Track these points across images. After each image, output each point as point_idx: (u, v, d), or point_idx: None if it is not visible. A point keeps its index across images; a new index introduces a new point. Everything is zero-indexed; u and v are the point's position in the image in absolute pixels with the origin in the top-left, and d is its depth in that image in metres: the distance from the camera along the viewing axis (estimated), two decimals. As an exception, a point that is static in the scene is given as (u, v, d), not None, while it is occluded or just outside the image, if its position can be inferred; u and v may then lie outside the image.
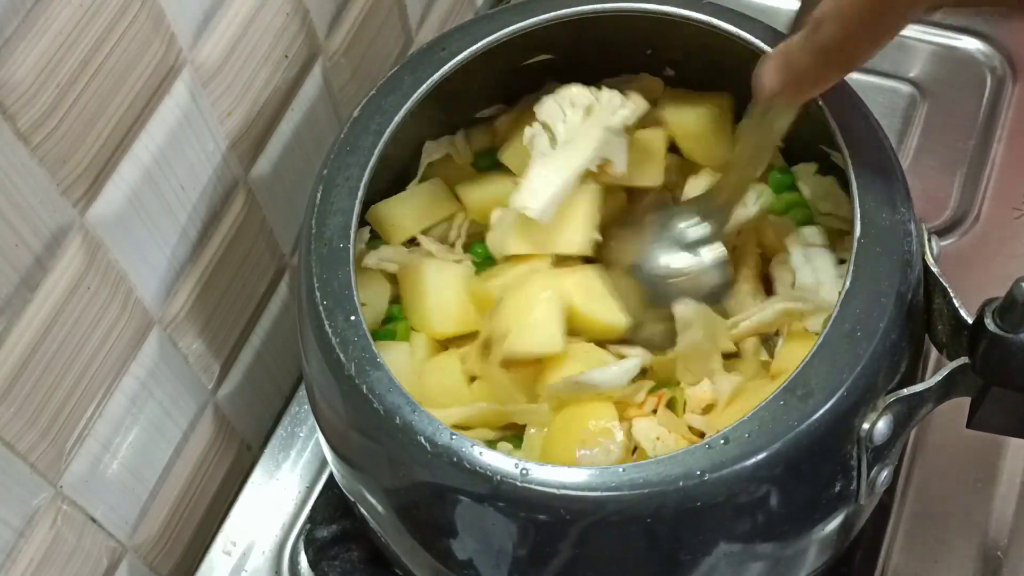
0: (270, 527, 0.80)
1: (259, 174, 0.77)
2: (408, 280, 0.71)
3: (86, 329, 0.65)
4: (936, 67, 0.96)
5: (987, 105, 0.94)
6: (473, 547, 0.60)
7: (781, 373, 0.64)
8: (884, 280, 0.59)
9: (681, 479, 0.55)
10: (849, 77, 0.67)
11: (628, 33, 0.73)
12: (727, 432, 0.56)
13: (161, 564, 0.79)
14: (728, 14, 0.68)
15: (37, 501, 0.65)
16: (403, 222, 0.74)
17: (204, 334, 0.76)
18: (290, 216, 0.82)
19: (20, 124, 0.56)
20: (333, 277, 0.62)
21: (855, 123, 0.64)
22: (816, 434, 0.56)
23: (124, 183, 0.65)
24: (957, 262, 0.85)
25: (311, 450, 0.82)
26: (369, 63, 0.86)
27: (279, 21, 0.74)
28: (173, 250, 0.71)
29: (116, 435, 0.70)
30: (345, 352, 0.59)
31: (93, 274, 0.64)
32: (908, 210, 0.62)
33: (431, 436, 0.57)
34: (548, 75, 0.76)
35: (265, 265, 0.82)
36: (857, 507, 0.63)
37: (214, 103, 0.70)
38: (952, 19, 0.99)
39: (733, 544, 0.59)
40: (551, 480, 0.56)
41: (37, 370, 0.62)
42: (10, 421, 0.61)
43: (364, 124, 0.67)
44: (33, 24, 0.55)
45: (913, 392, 0.59)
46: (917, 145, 0.92)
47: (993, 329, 0.56)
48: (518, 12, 0.69)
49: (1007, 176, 0.90)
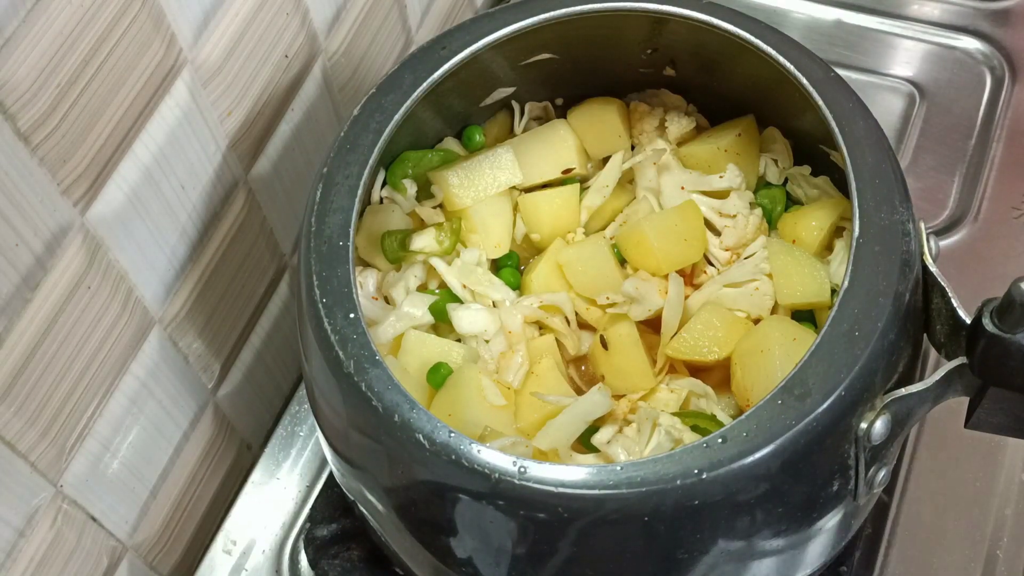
0: (270, 526, 0.80)
1: (259, 174, 0.77)
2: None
3: (86, 329, 0.65)
4: (935, 67, 0.97)
5: (986, 105, 0.94)
6: (472, 545, 0.61)
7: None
8: (882, 280, 0.59)
9: (679, 478, 0.55)
10: (848, 77, 0.68)
11: (628, 33, 0.74)
12: (725, 431, 0.56)
13: (161, 563, 0.79)
14: (728, 14, 0.68)
15: (37, 500, 0.65)
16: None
17: (204, 334, 0.77)
18: (290, 216, 0.82)
19: (20, 124, 0.56)
20: (332, 275, 0.62)
21: (854, 123, 0.64)
22: (814, 433, 0.56)
23: (124, 183, 0.65)
24: (956, 262, 0.85)
25: (311, 449, 0.82)
26: (369, 63, 0.86)
27: (279, 21, 0.74)
28: (173, 250, 0.71)
29: (116, 434, 0.70)
30: (344, 350, 0.60)
31: (93, 274, 0.64)
32: (907, 210, 0.62)
33: (429, 434, 0.57)
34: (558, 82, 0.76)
35: (265, 265, 0.82)
36: (855, 506, 0.63)
37: (214, 103, 0.70)
38: (952, 19, 0.99)
39: (731, 542, 0.59)
40: (549, 478, 0.56)
41: (37, 370, 0.62)
42: (10, 420, 0.61)
43: (364, 123, 0.67)
44: (33, 24, 0.55)
45: (911, 392, 0.59)
46: (916, 145, 0.92)
47: (991, 329, 0.56)
48: (518, 11, 0.69)
49: (1006, 176, 0.90)
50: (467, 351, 0.70)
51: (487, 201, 0.74)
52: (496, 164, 0.74)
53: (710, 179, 0.75)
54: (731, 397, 0.69)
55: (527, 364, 0.70)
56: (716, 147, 0.75)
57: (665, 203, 0.75)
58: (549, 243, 0.75)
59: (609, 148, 0.77)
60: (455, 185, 0.73)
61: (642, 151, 0.77)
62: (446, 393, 0.66)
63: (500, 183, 0.74)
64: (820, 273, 0.69)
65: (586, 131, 0.77)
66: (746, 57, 0.68)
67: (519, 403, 0.68)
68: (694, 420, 0.66)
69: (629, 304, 0.71)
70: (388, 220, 0.72)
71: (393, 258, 0.72)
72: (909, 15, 1.00)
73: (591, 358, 0.73)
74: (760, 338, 0.66)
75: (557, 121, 0.78)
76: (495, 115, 0.78)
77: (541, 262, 0.74)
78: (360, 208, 0.65)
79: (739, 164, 0.74)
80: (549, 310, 0.73)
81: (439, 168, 0.74)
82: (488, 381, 0.67)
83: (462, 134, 0.77)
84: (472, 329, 0.70)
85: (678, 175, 0.76)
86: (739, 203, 0.73)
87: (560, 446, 0.66)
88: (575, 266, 0.73)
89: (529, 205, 0.75)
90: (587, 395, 0.67)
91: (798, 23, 1.00)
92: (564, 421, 0.66)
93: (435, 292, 0.72)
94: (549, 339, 0.72)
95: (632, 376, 0.69)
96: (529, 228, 0.76)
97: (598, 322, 0.73)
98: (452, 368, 0.68)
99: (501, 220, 0.75)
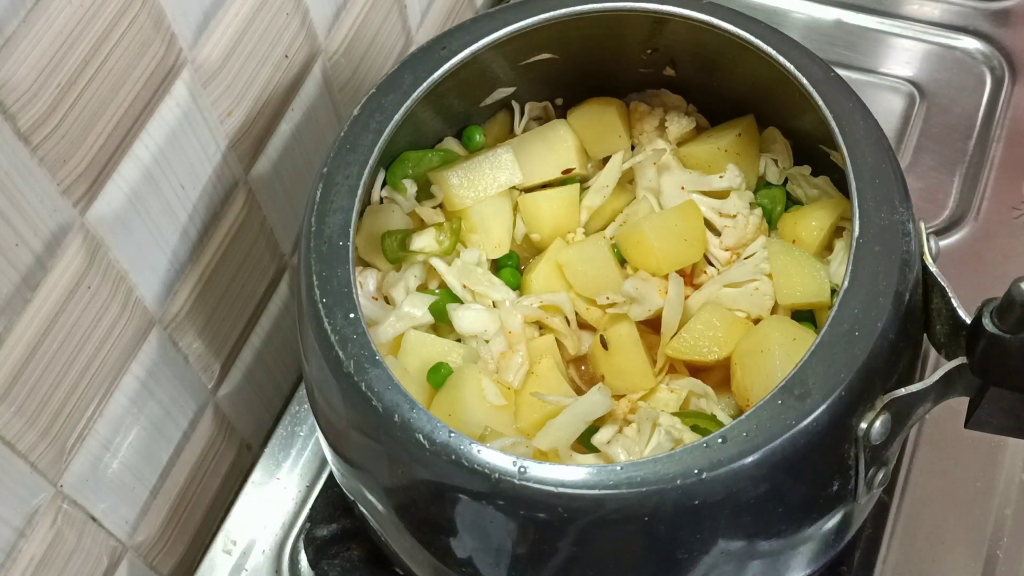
0: (270, 526, 0.80)
1: (259, 174, 0.77)
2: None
3: (86, 329, 0.65)
4: (935, 67, 0.97)
5: (986, 105, 0.94)
6: (472, 545, 0.61)
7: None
8: (882, 280, 0.59)
9: (679, 477, 0.55)
10: (848, 77, 0.68)
11: (628, 33, 0.74)
12: (725, 431, 0.56)
13: (161, 563, 0.79)
14: (728, 14, 0.68)
15: (37, 500, 0.65)
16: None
17: (204, 334, 0.77)
18: (290, 216, 0.82)
19: (20, 124, 0.56)
20: (332, 275, 0.62)
21: (854, 123, 0.64)
22: (814, 433, 0.56)
23: (124, 183, 0.65)
24: (956, 262, 0.85)
25: (311, 449, 0.82)
26: (369, 63, 0.86)
27: (279, 21, 0.74)
28: (173, 250, 0.71)
29: (116, 434, 0.70)
30: (344, 350, 0.60)
31: (93, 274, 0.64)
32: (907, 210, 0.62)
33: (429, 434, 0.57)
34: (558, 82, 0.76)
35: (265, 265, 0.82)
36: (855, 506, 0.63)
37: (214, 103, 0.70)
38: (952, 19, 0.99)
39: (731, 542, 0.59)
40: (549, 478, 0.56)
41: (38, 370, 0.62)
42: (10, 420, 0.61)
43: (364, 123, 0.67)
44: (34, 24, 0.55)
45: (911, 392, 0.59)
46: (916, 145, 0.92)
47: (991, 329, 0.56)
48: (518, 11, 0.69)
49: (1006, 176, 0.90)
50: (467, 351, 0.70)
51: (487, 201, 0.74)
52: (496, 164, 0.74)
53: (710, 179, 0.75)
54: (731, 397, 0.69)
55: (527, 364, 0.70)
56: (716, 147, 0.75)
57: (665, 203, 0.75)
58: (549, 243, 0.75)
59: (609, 148, 0.77)
60: (455, 185, 0.73)
61: (642, 151, 0.77)
62: (446, 393, 0.66)
63: (500, 183, 0.74)
64: (820, 273, 0.69)
65: (586, 131, 0.77)
66: (746, 57, 0.68)
67: (519, 403, 0.68)
68: (694, 420, 0.66)
69: (629, 304, 0.71)
70: (388, 220, 0.72)
71: (393, 258, 0.72)
72: (909, 15, 1.00)
73: (591, 358, 0.73)
74: (760, 338, 0.66)
75: (557, 121, 0.78)
76: (495, 115, 0.78)
77: (541, 262, 0.74)
78: (360, 208, 0.65)
79: (739, 164, 0.74)
80: (549, 310, 0.73)
81: (439, 168, 0.74)
82: (488, 381, 0.67)
83: (462, 134, 0.77)
84: (472, 329, 0.70)
85: (678, 175, 0.76)
86: (739, 203, 0.73)
87: (560, 446, 0.66)
88: (575, 266, 0.73)
89: (529, 205, 0.75)
90: (587, 395, 0.67)
91: (798, 23, 1.00)
92: (564, 421, 0.66)
93: (435, 292, 0.72)
94: (549, 339, 0.72)
95: (632, 376, 0.69)
96: (529, 228, 0.76)
97: (598, 322, 0.73)
98: (452, 368, 0.68)
99: (501, 220, 0.75)
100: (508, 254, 0.75)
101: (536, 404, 0.67)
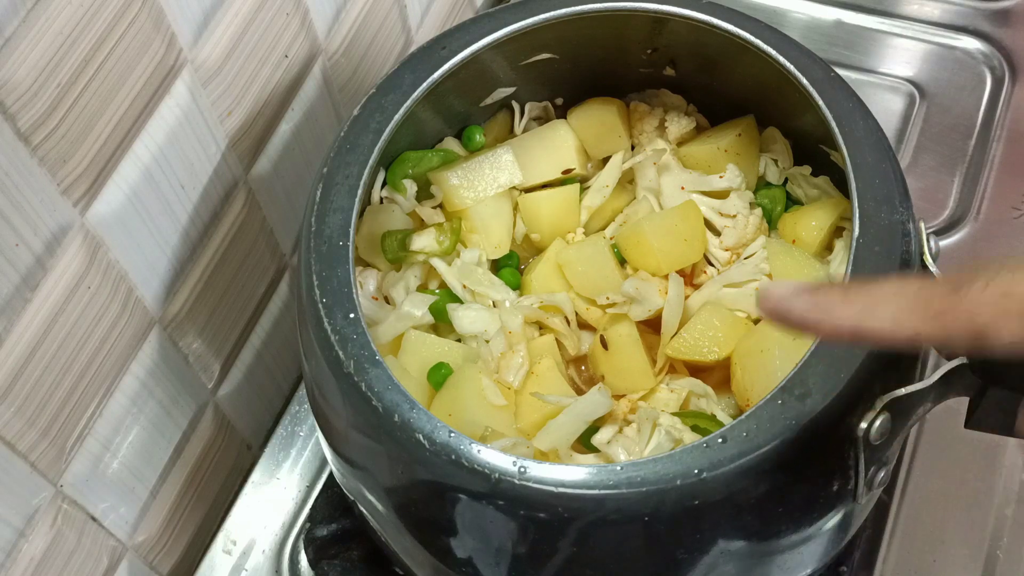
0: (270, 526, 0.80)
1: (259, 174, 0.77)
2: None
3: (86, 329, 0.65)
4: (935, 67, 0.97)
5: (986, 105, 0.94)
6: (472, 545, 0.61)
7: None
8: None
9: (679, 477, 0.55)
10: (848, 77, 0.67)
11: (628, 33, 0.74)
12: (725, 431, 0.56)
13: (161, 563, 0.79)
14: (728, 14, 0.68)
15: (37, 500, 0.65)
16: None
17: (204, 334, 0.77)
18: (290, 216, 0.82)
19: (20, 124, 0.56)
20: (332, 275, 0.62)
21: (854, 123, 0.64)
22: (814, 433, 0.56)
23: (124, 183, 0.65)
24: (956, 262, 0.85)
25: (311, 449, 0.82)
26: (369, 63, 0.86)
27: (279, 21, 0.74)
28: (173, 250, 0.71)
29: (116, 434, 0.70)
30: (344, 350, 0.60)
31: (93, 274, 0.64)
32: (907, 210, 0.62)
33: (429, 434, 0.57)
34: (558, 82, 0.77)
35: (265, 265, 0.82)
36: (855, 506, 0.63)
37: (214, 103, 0.70)
38: (952, 19, 0.99)
39: (731, 542, 0.59)
40: (549, 478, 0.56)
41: (37, 370, 0.62)
42: (10, 420, 0.61)
43: (364, 123, 0.67)
44: (34, 24, 0.55)
45: (911, 392, 0.59)
46: (916, 145, 0.92)
47: (991, 328, 0.56)
48: (518, 11, 0.69)
49: (1006, 176, 0.90)
50: (467, 351, 0.70)
51: (487, 201, 0.74)
52: (496, 164, 0.74)
53: (710, 179, 0.75)
54: (731, 397, 0.69)
55: (527, 364, 0.70)
56: (716, 147, 0.75)
57: (665, 203, 0.75)
58: (549, 243, 0.75)
59: (609, 148, 0.77)
60: (455, 185, 0.73)
61: (642, 151, 0.77)
62: (446, 393, 0.67)
63: (500, 183, 0.74)
64: (820, 273, 0.69)
65: (586, 131, 0.77)
66: (746, 57, 0.68)
67: (519, 403, 0.68)
68: (694, 420, 0.66)
69: (629, 304, 0.71)
70: (388, 220, 0.72)
71: (393, 258, 0.72)
72: (909, 15, 1.00)
73: (591, 358, 0.73)
74: (760, 338, 0.66)
75: (557, 121, 0.78)
76: (495, 115, 0.78)
77: (541, 262, 0.74)
78: (360, 208, 0.65)
79: (739, 164, 0.74)
80: (549, 310, 0.73)
81: (439, 168, 0.74)
82: (488, 381, 0.67)
83: (462, 134, 0.77)
84: (472, 329, 0.70)
85: (678, 175, 0.76)
86: (739, 203, 0.73)
87: (560, 446, 0.66)
88: (575, 266, 0.73)
89: (529, 205, 0.75)
90: (587, 395, 0.67)
91: (798, 23, 1.00)
92: (564, 421, 0.66)
93: (435, 292, 0.72)
94: (549, 339, 0.72)
95: (632, 376, 0.69)
96: (529, 228, 0.76)
97: (598, 322, 0.73)
98: (452, 368, 0.68)
99: (501, 220, 0.75)
100: (508, 254, 0.75)
101: (536, 404, 0.67)
